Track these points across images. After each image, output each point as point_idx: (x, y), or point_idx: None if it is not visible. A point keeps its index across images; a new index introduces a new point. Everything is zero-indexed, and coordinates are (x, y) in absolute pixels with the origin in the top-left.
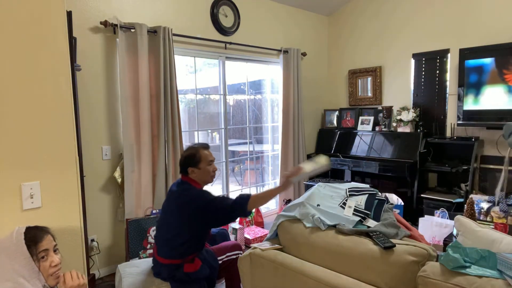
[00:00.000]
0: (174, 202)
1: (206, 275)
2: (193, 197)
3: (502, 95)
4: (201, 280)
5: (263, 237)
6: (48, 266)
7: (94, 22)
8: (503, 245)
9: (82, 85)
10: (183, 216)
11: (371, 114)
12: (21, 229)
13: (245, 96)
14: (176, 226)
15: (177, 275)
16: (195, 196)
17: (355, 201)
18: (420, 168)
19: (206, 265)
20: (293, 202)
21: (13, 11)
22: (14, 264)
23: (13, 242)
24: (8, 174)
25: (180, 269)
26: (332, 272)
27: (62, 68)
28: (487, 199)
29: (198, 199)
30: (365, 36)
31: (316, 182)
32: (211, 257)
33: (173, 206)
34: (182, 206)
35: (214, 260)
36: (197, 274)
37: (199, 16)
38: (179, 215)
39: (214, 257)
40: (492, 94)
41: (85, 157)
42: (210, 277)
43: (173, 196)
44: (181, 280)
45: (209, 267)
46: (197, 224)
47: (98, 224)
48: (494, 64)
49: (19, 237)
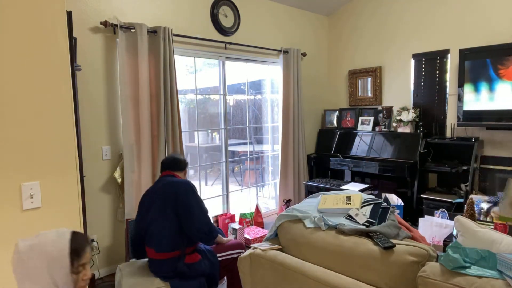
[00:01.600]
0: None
1: (206, 271)
2: (189, 185)
3: (502, 95)
4: (201, 276)
5: (263, 237)
6: (80, 279)
7: (94, 22)
8: (503, 245)
9: (82, 85)
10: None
11: (371, 114)
12: (66, 235)
13: (245, 96)
14: (169, 213)
15: (178, 267)
16: (189, 185)
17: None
18: (420, 168)
19: (205, 260)
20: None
21: (13, 11)
22: (53, 274)
23: (57, 248)
24: (8, 174)
25: (181, 261)
26: (332, 272)
27: (62, 68)
28: (487, 199)
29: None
30: (365, 36)
31: (316, 182)
32: (210, 253)
33: (172, 196)
34: (184, 193)
35: (213, 256)
36: (197, 266)
37: (199, 16)
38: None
39: (213, 254)
40: (491, 94)
41: (85, 157)
42: (211, 274)
43: (169, 187)
44: (182, 274)
45: (209, 263)
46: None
47: (98, 224)
48: (494, 64)
49: (64, 247)
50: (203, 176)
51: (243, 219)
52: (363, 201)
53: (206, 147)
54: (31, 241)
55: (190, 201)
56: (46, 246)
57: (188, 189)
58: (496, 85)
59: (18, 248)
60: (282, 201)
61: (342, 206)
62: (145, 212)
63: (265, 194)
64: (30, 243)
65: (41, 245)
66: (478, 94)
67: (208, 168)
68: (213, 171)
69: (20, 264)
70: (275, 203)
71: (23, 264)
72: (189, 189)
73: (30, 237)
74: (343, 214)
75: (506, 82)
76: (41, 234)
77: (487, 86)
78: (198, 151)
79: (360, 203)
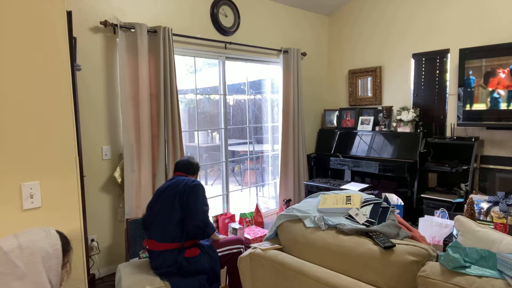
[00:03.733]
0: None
1: (206, 266)
2: (199, 184)
3: (502, 95)
4: (201, 274)
5: (263, 237)
6: (63, 274)
7: (94, 22)
8: (503, 245)
9: (82, 85)
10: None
11: (371, 114)
12: (52, 231)
13: (245, 96)
14: (176, 204)
15: (179, 260)
16: (200, 184)
17: (361, 212)
18: (420, 168)
19: (205, 255)
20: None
21: (13, 11)
22: (48, 269)
23: (49, 243)
24: (8, 174)
25: (181, 254)
26: (332, 272)
27: (62, 68)
28: (487, 199)
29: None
30: (365, 36)
31: (316, 181)
32: (210, 248)
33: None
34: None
35: (213, 251)
36: (197, 260)
37: (199, 16)
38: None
39: (213, 249)
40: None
41: (85, 157)
42: (212, 270)
43: (182, 183)
44: (182, 268)
45: (209, 257)
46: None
47: (98, 224)
48: (494, 64)
49: (56, 241)
50: (203, 176)
51: (243, 219)
52: (363, 201)
53: (206, 147)
54: (15, 240)
55: (195, 197)
56: (38, 243)
57: (195, 187)
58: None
59: (1, 249)
60: (282, 201)
61: (342, 206)
62: (153, 203)
63: (265, 194)
64: (16, 242)
65: (32, 242)
66: (477, 93)
67: (208, 168)
68: (213, 171)
69: (5, 264)
70: (275, 203)
71: (9, 264)
72: (198, 187)
73: (8, 237)
74: (343, 214)
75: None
76: (22, 233)
77: (487, 86)
78: (198, 151)
79: (360, 203)
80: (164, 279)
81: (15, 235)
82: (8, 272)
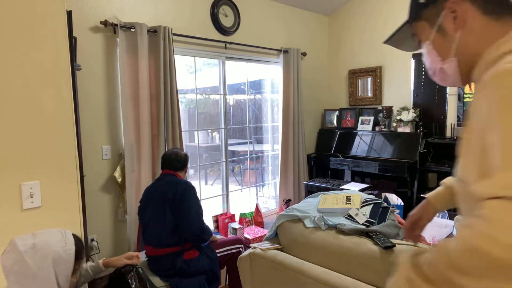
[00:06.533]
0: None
1: (206, 267)
2: (188, 186)
3: None
4: (201, 274)
5: (263, 237)
6: (71, 281)
7: (94, 22)
8: None
9: (82, 85)
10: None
11: (371, 114)
12: (69, 235)
13: (245, 96)
14: (167, 212)
15: (177, 264)
16: (189, 186)
17: (361, 212)
18: (420, 168)
19: (204, 256)
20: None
21: (13, 11)
22: (58, 273)
23: (63, 247)
24: (8, 174)
25: (179, 257)
26: (332, 272)
27: (62, 68)
28: None
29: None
30: (365, 36)
31: (316, 181)
32: (209, 249)
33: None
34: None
35: (212, 252)
36: (196, 262)
37: (199, 16)
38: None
39: (212, 250)
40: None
41: (85, 156)
42: (211, 271)
43: (169, 187)
44: (181, 271)
45: (208, 259)
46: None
47: (98, 224)
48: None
49: (71, 246)
50: (203, 176)
51: (243, 219)
52: (363, 201)
53: (206, 147)
54: (31, 239)
55: (187, 203)
56: (52, 246)
57: (186, 191)
58: None
59: (18, 248)
60: (282, 200)
61: (342, 206)
62: (143, 208)
63: (265, 193)
64: (31, 241)
65: (46, 244)
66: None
67: (208, 168)
68: (213, 170)
69: (19, 264)
70: (275, 202)
71: (23, 264)
72: (188, 191)
73: (26, 236)
74: (343, 214)
75: None
76: (40, 233)
77: None
78: (198, 151)
79: (360, 203)
80: (164, 280)
81: (33, 234)
82: (21, 271)
